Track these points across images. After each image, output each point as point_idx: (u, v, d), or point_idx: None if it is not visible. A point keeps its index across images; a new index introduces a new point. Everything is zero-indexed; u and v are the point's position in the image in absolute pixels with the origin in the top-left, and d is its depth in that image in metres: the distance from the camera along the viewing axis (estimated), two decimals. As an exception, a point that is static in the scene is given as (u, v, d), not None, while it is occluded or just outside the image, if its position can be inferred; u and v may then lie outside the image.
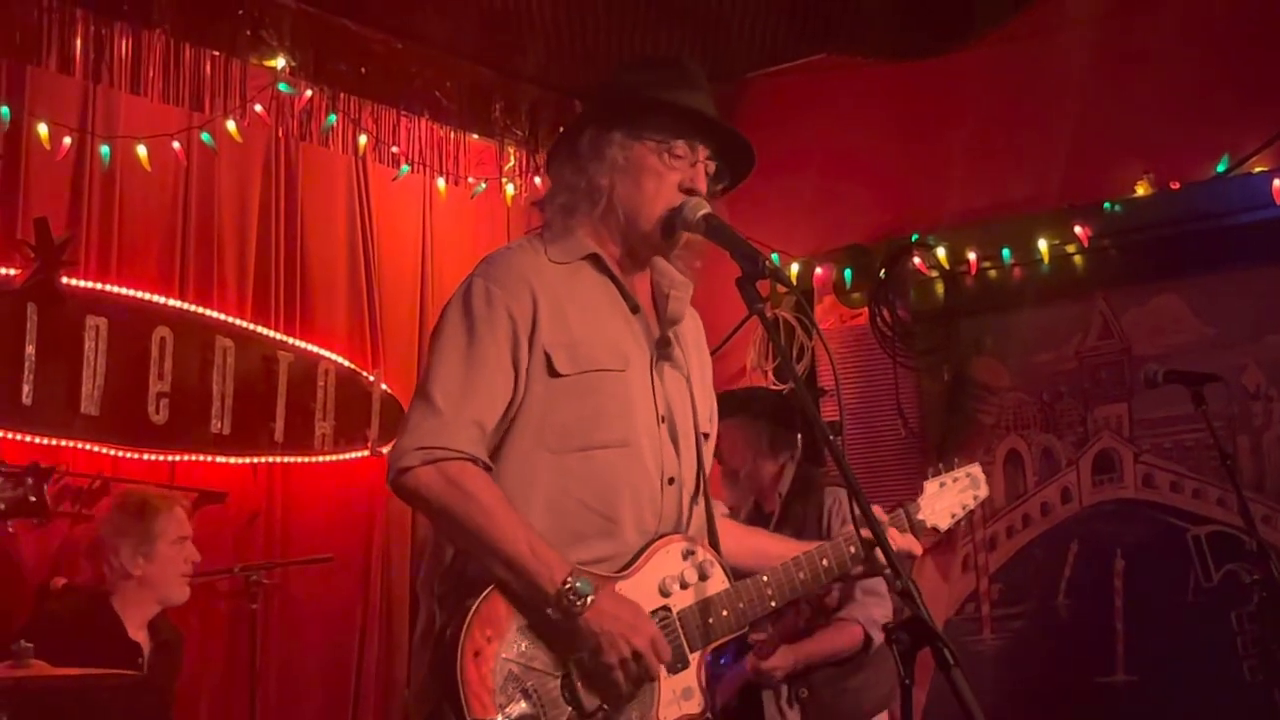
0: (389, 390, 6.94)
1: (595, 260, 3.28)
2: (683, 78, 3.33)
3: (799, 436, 5.58)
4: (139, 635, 5.33)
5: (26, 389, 5.86)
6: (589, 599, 2.99)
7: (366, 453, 6.83)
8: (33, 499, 2.78)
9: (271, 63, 6.54)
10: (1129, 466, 6.70)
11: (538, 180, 7.42)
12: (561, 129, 3.55)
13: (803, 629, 5.12)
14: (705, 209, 3.23)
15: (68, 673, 4.55)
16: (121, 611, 5.31)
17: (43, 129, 6.00)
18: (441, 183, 7.31)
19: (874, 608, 5.19)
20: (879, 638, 5.21)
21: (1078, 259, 6.89)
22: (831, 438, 3.06)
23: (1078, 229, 6.80)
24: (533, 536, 3.03)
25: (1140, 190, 6.68)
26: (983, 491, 3.69)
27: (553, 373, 3.15)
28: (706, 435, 3.39)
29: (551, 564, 3.01)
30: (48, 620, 5.45)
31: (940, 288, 7.20)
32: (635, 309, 3.29)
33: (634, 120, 3.25)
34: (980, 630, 6.90)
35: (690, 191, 3.25)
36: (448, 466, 3.06)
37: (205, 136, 6.43)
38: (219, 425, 6.42)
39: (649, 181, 3.24)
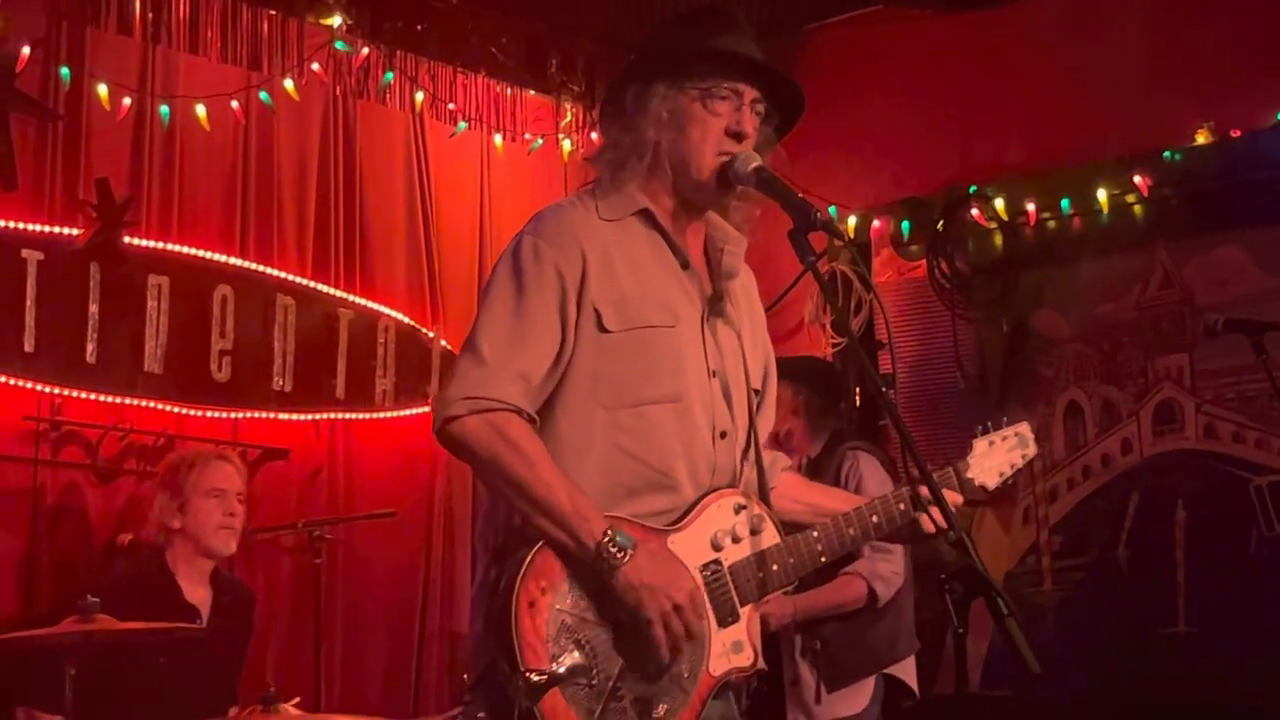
0: (448, 346, 6.97)
1: (646, 216, 3.28)
2: (722, 23, 3.31)
3: (842, 407, 5.61)
4: (197, 593, 5.38)
5: (90, 348, 5.92)
6: (628, 553, 3.02)
7: (427, 408, 6.85)
8: None
9: (328, 21, 6.57)
10: (1190, 417, 6.66)
11: (594, 135, 7.41)
12: (608, 87, 3.54)
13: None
14: (756, 161, 3.22)
15: (132, 626, 4.61)
16: (174, 567, 5.37)
17: (103, 90, 6.04)
18: (499, 139, 7.33)
19: (880, 563, 5.21)
20: (884, 592, 5.23)
21: (1138, 209, 6.84)
22: (884, 389, 3.07)
23: (1137, 179, 6.75)
24: (573, 490, 3.05)
25: (1200, 139, 6.61)
26: (1031, 450, 3.67)
27: (602, 329, 3.16)
28: (758, 391, 3.40)
29: (590, 517, 3.03)
30: (113, 577, 5.53)
31: (999, 239, 7.17)
32: (685, 264, 3.30)
33: (675, 70, 3.25)
34: (1041, 582, 6.90)
35: (737, 135, 3.23)
36: (493, 416, 3.08)
37: (264, 95, 6.47)
38: (281, 382, 6.48)
39: (694, 130, 3.24)
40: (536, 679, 2.96)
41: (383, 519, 6.35)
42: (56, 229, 5.89)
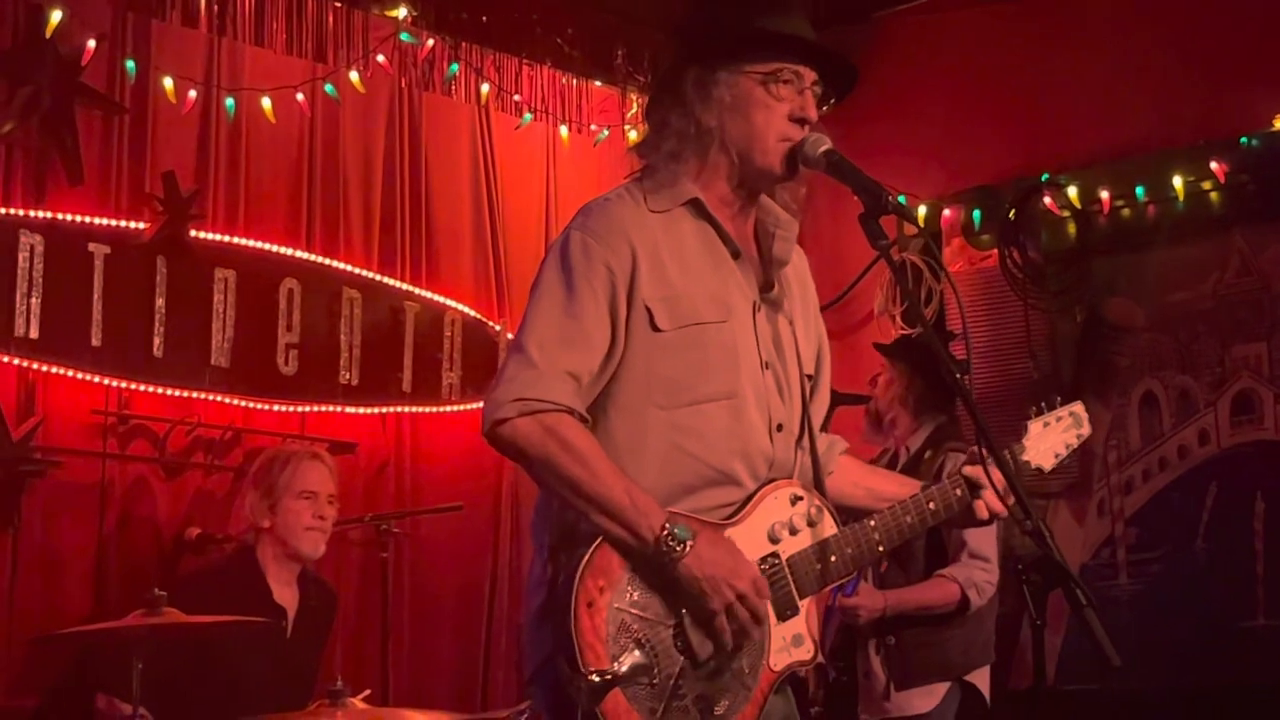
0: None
1: (695, 206, 3.23)
2: (783, 5, 3.26)
3: (948, 405, 5.57)
4: (285, 594, 5.41)
5: (157, 341, 5.96)
6: (688, 545, 2.98)
7: (492, 400, 6.86)
8: None
9: (393, 13, 6.57)
10: (1269, 407, 6.58)
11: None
12: (661, 73, 3.49)
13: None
14: (826, 144, 3.18)
15: (200, 620, 4.63)
16: (264, 566, 5.40)
17: (168, 83, 6.07)
18: (564, 130, 7.32)
19: (977, 570, 5.17)
20: (976, 600, 5.18)
21: (1214, 195, 6.76)
22: (959, 376, 3.03)
23: (1214, 165, 6.67)
24: (630, 485, 3.02)
25: (1278, 124, 6.51)
26: (1086, 430, 3.60)
27: (654, 327, 3.13)
28: (810, 377, 3.36)
29: (649, 512, 3.00)
30: (202, 571, 5.57)
31: (1072, 227, 7.10)
32: (736, 254, 3.26)
33: (735, 54, 3.19)
34: (1116, 575, 6.82)
35: (802, 121, 3.19)
36: (545, 417, 3.05)
37: (329, 88, 6.49)
38: (347, 376, 6.50)
39: (758, 115, 3.19)
40: (598, 680, 2.93)
41: (449, 512, 6.35)
42: (123, 223, 5.93)
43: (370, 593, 6.31)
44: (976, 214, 7.29)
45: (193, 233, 6.02)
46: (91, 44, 5.85)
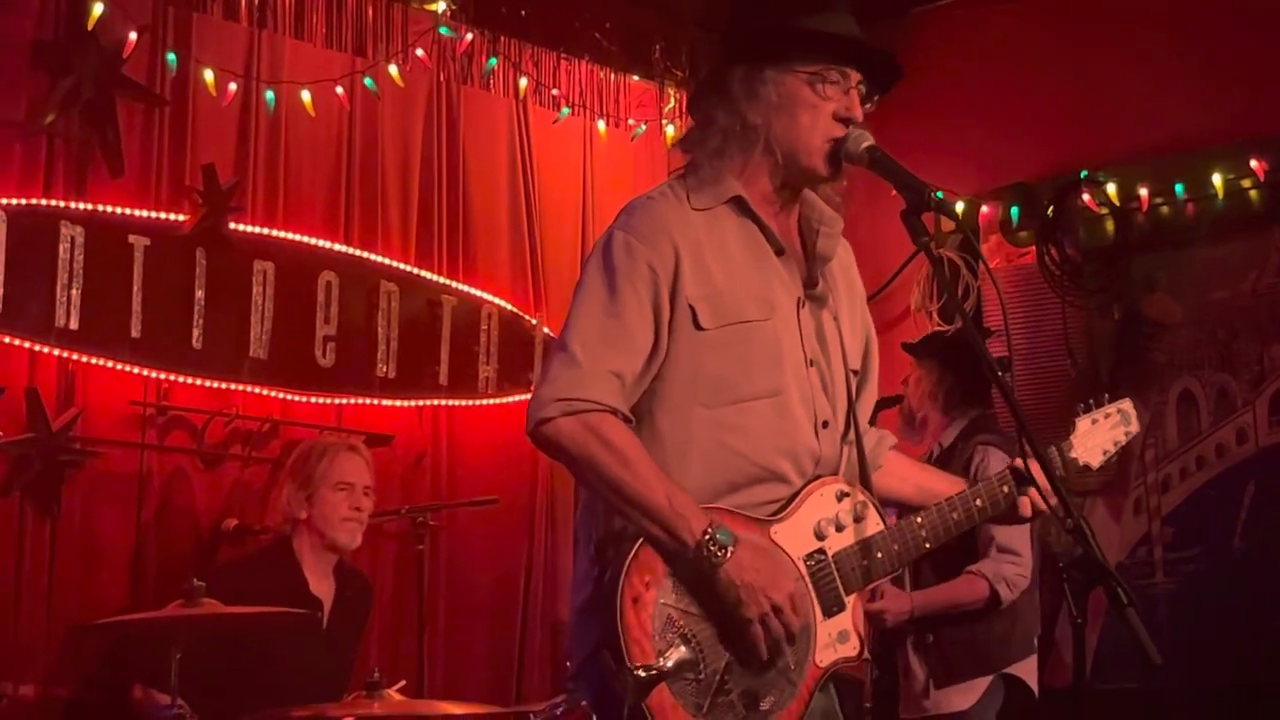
0: (550, 333, 6.96)
1: (739, 203, 3.23)
2: (822, 1, 3.25)
3: (985, 394, 5.56)
4: (321, 585, 5.45)
5: (196, 333, 5.96)
6: (729, 550, 2.99)
7: (529, 395, 6.84)
8: None
9: (432, 6, 6.58)
10: (1309, 407, 6.54)
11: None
12: (707, 70, 3.48)
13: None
14: (868, 140, 3.18)
15: (239, 611, 4.66)
16: (301, 557, 5.43)
17: (208, 75, 6.07)
18: (602, 125, 7.31)
19: (1006, 565, 5.15)
20: (1007, 595, 5.17)
21: (1254, 193, 6.73)
22: (1000, 374, 3.02)
23: (1254, 163, 6.65)
24: (671, 487, 3.03)
25: (1319, 122, 6.50)
26: (1134, 427, 3.58)
27: (697, 326, 3.13)
28: (856, 372, 3.35)
29: (689, 515, 3.00)
30: (239, 562, 5.59)
31: (1110, 225, 7.08)
32: (780, 251, 3.25)
33: (783, 53, 3.19)
34: (1153, 574, 6.79)
35: (848, 121, 3.19)
36: (588, 417, 3.06)
37: (368, 81, 6.49)
38: (384, 369, 6.51)
39: (805, 115, 3.18)
40: (644, 675, 2.94)
41: (485, 506, 6.36)
42: (163, 215, 5.94)
43: (406, 585, 6.32)
44: (1014, 211, 7.27)
45: (232, 225, 6.03)
46: (133, 36, 5.85)
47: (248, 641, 5.05)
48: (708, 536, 2.98)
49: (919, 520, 3.27)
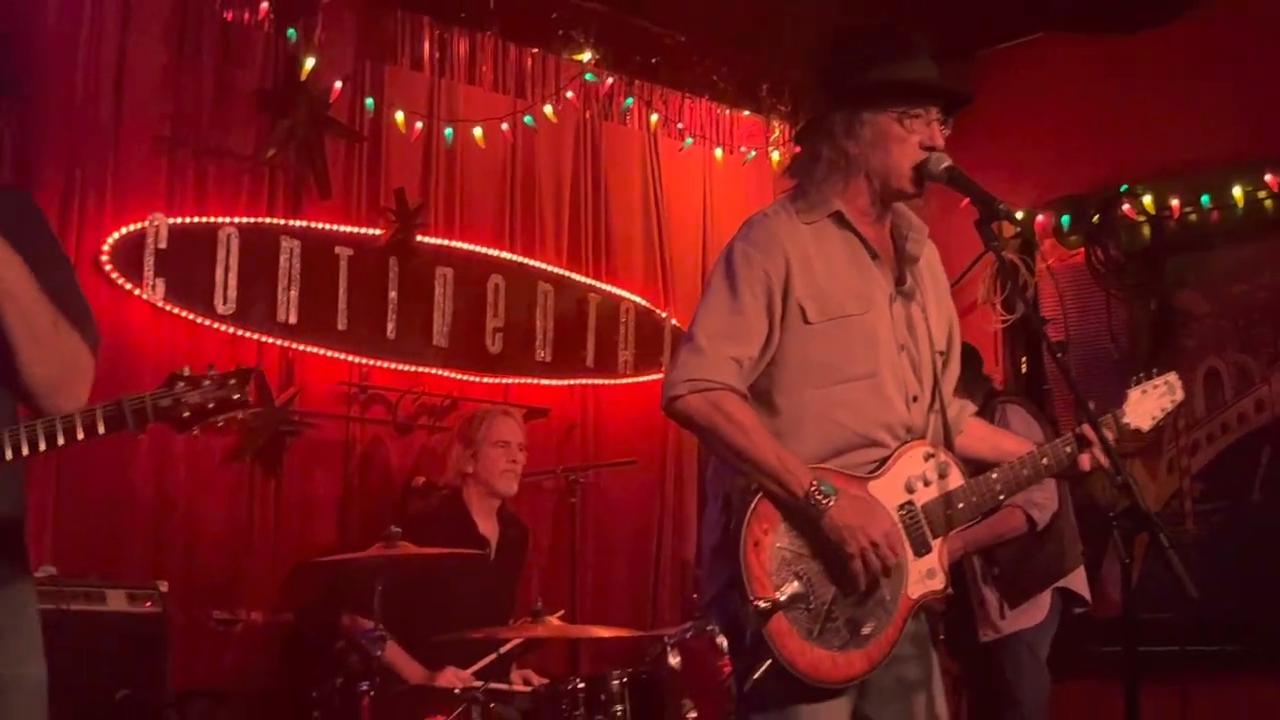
0: (677, 324, 6.95)
1: (839, 217, 3.21)
2: (907, 48, 3.21)
3: (988, 381, 5.48)
4: (487, 526, 5.46)
5: (390, 326, 6.04)
6: (831, 499, 2.99)
7: (661, 375, 6.81)
8: (235, 397, 2.72)
9: (580, 57, 6.57)
10: (1316, 381, 6.41)
11: (792, 148, 7.38)
12: (813, 112, 3.47)
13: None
14: (947, 162, 3.15)
15: (426, 551, 4.71)
16: (469, 504, 5.45)
17: (399, 116, 6.13)
18: (719, 152, 7.26)
19: (1035, 493, 5.02)
20: (1040, 518, 5.07)
21: (1268, 203, 6.57)
22: (1059, 355, 2.99)
23: (1268, 177, 6.49)
24: (780, 449, 3.03)
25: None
26: (1179, 395, 3.49)
27: (806, 321, 3.12)
28: (942, 353, 3.31)
29: (796, 471, 3.01)
30: (421, 511, 5.64)
31: (1147, 230, 6.94)
32: (875, 255, 3.23)
33: (876, 99, 3.16)
34: (1184, 522, 6.66)
35: (931, 148, 3.16)
36: (711, 394, 3.07)
37: (527, 119, 6.51)
38: (542, 354, 6.53)
39: (895, 147, 3.16)
40: (764, 606, 2.95)
41: (625, 466, 6.41)
42: (363, 230, 6.02)
43: (561, 532, 6.34)
44: (1065, 219, 7.15)
45: (418, 238, 6.09)
46: (338, 85, 5.94)
47: (433, 576, 5.08)
48: (814, 488, 2.98)
49: (994, 476, 3.23)
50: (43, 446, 2.58)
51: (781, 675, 2.96)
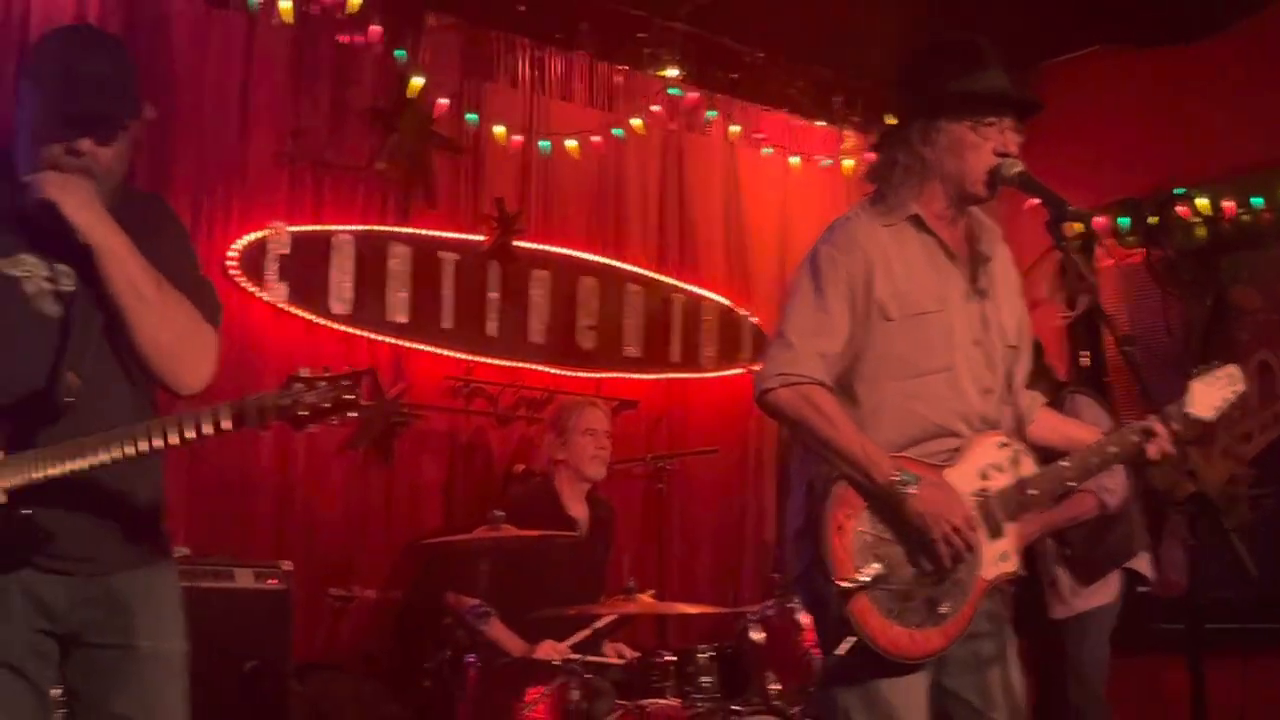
0: (757, 322, 6.94)
1: (917, 220, 3.17)
2: (981, 60, 3.16)
3: (1051, 371, 5.39)
4: (577, 508, 5.45)
5: (491, 325, 6.08)
6: (913, 487, 2.96)
7: (741, 370, 6.83)
8: (348, 398, 2.67)
9: (666, 73, 6.56)
10: (1362, 373, 6.26)
11: (870, 156, 7.29)
12: (891, 120, 3.42)
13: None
14: (1019, 167, 3.11)
15: (528, 534, 4.72)
16: (560, 489, 5.45)
17: (499, 130, 6.16)
18: (795, 160, 7.21)
19: (1105, 478, 4.93)
20: (1111, 502, 4.98)
21: (1317, 205, 6.47)
22: (1127, 349, 2.94)
23: (1317, 180, 6.39)
24: (864, 440, 3.01)
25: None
26: (1240, 386, 3.40)
27: (886, 318, 3.09)
28: (1013, 347, 3.25)
29: (880, 461, 2.98)
30: (516, 496, 5.66)
31: (1202, 231, 6.80)
32: (951, 256, 3.19)
33: (951, 109, 3.12)
34: (1238, 507, 6.53)
35: (1004, 154, 3.11)
36: (801, 388, 3.05)
37: (617, 132, 6.51)
38: (631, 350, 6.54)
39: (970, 154, 3.11)
40: (847, 586, 2.93)
41: (708, 454, 6.37)
42: (466, 236, 6.05)
43: (649, 516, 6.35)
44: (1124, 220, 7.04)
45: (517, 243, 6.12)
46: (443, 102, 5.97)
47: (529, 556, 5.09)
48: (896, 477, 2.96)
49: (1064, 464, 3.18)
50: (174, 440, 2.61)
51: (864, 651, 2.94)
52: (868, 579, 2.94)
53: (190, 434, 2.61)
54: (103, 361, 2.69)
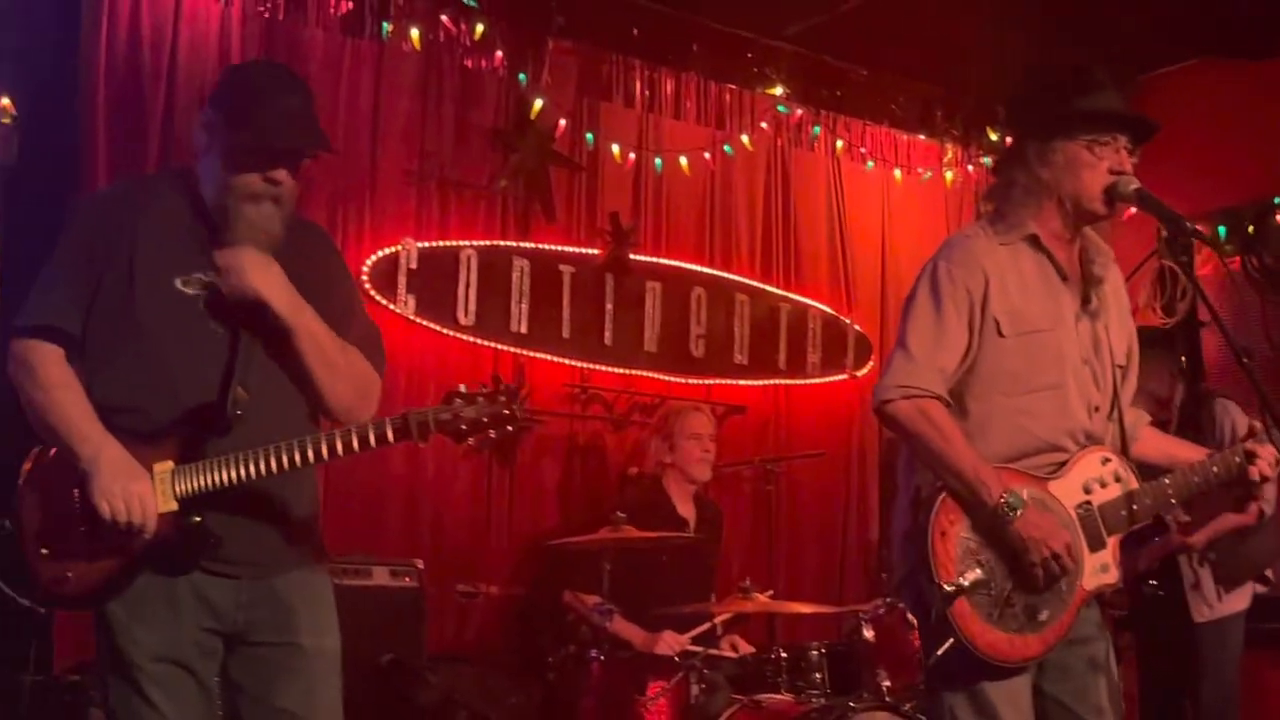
0: (860, 330, 6.96)
1: (1033, 240, 3.19)
2: (1095, 81, 3.17)
3: (1183, 360, 5.34)
4: (686, 509, 5.52)
5: (607, 334, 6.16)
6: (1019, 512, 2.98)
7: (845, 376, 6.87)
8: (506, 412, 2.72)
9: (772, 91, 6.61)
10: None
11: (970, 168, 7.30)
12: (1009, 140, 3.44)
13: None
14: (1135, 184, 3.11)
15: (648, 535, 4.80)
16: (669, 490, 5.53)
17: (615, 148, 6.25)
18: (897, 173, 7.22)
19: (1268, 489, 4.89)
20: (1269, 510, 4.92)
21: None
22: (1243, 359, 2.95)
23: None
24: (977, 460, 3.02)
25: None
26: None
27: (1000, 334, 3.11)
28: (1121, 367, 3.27)
29: (989, 483, 2.99)
30: (629, 497, 5.74)
31: (1300, 238, 6.74)
32: (1065, 277, 3.20)
33: (1067, 129, 3.14)
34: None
35: (1119, 173, 3.12)
36: (919, 402, 3.07)
37: (726, 148, 6.58)
38: (740, 357, 6.57)
39: (1086, 173, 3.12)
40: (949, 589, 2.96)
41: (814, 458, 6.41)
42: (583, 250, 6.14)
43: (758, 517, 6.39)
44: (1222, 229, 6.95)
45: (631, 256, 6.20)
46: (562, 122, 6.08)
47: (642, 554, 5.15)
48: (1003, 500, 2.97)
49: (1167, 481, 3.20)
50: (340, 452, 2.75)
51: (964, 654, 2.97)
52: (968, 583, 2.97)
53: (355, 447, 2.75)
54: (268, 377, 2.84)
